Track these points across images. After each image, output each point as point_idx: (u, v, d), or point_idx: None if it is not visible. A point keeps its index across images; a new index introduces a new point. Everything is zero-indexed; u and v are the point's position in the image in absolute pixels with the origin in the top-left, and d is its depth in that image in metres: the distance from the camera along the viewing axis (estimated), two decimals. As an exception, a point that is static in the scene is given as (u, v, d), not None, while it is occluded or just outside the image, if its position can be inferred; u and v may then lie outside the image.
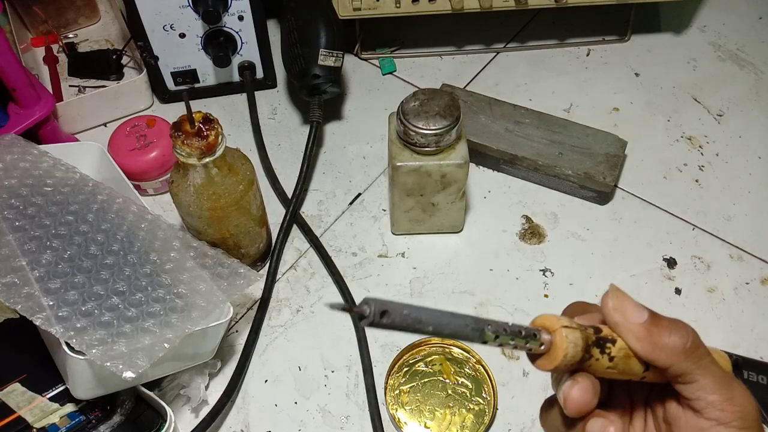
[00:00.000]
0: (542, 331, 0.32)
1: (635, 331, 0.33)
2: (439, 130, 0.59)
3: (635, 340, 0.33)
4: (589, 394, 0.33)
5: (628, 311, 0.33)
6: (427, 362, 0.60)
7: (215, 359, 0.59)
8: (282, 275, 0.67)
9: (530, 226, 0.70)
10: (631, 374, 0.34)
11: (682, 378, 0.33)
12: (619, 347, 0.33)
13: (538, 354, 0.33)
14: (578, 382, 0.33)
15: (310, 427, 0.58)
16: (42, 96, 0.68)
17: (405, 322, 0.28)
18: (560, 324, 0.32)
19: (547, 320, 0.33)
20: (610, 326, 0.34)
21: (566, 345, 0.32)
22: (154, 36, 0.73)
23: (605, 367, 0.33)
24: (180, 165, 0.56)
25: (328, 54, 0.71)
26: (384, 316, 0.27)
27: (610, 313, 0.34)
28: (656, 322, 0.33)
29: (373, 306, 0.27)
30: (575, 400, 0.33)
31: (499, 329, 0.31)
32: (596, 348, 0.33)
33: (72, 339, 0.46)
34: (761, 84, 0.82)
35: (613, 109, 0.79)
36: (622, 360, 0.33)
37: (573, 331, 0.32)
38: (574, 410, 0.33)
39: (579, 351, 0.32)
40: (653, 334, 0.33)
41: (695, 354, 0.33)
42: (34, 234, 0.53)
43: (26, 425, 0.52)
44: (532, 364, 0.33)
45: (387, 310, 0.27)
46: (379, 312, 0.27)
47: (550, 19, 0.88)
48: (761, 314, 0.63)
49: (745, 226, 0.69)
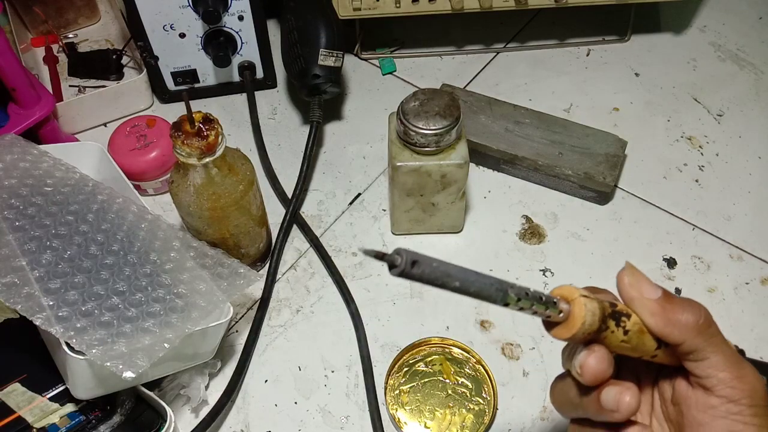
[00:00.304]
0: (561, 300, 0.33)
1: (649, 306, 0.34)
2: (439, 130, 0.59)
3: (649, 315, 0.34)
4: (605, 363, 0.33)
5: (644, 287, 0.34)
6: (427, 362, 0.60)
7: (215, 359, 0.59)
8: (282, 275, 0.67)
9: (530, 226, 0.70)
10: (643, 351, 0.35)
11: (694, 355, 0.34)
12: (634, 322, 0.34)
13: (554, 323, 0.33)
14: (595, 351, 0.33)
15: (310, 427, 0.58)
16: (42, 96, 0.68)
17: (434, 275, 0.28)
18: (579, 293, 0.33)
19: (566, 290, 0.33)
20: (625, 301, 0.35)
21: (584, 313, 0.32)
22: (154, 36, 0.73)
23: (619, 341, 0.34)
24: (180, 165, 0.56)
25: (328, 54, 0.71)
26: (414, 266, 0.27)
27: (625, 289, 0.35)
28: (670, 299, 0.34)
29: (405, 256, 0.27)
30: (592, 367, 0.33)
31: (521, 293, 0.31)
32: (612, 320, 0.33)
33: (72, 339, 0.46)
34: (761, 84, 0.82)
35: (613, 109, 0.79)
36: (636, 335, 0.34)
37: (591, 301, 0.33)
38: (591, 378, 0.33)
39: (596, 320, 0.32)
40: (667, 310, 0.34)
41: (707, 331, 0.34)
42: (34, 234, 0.53)
43: (26, 425, 0.52)
44: (548, 332, 0.34)
45: (417, 260, 0.27)
46: (410, 262, 0.27)
47: (550, 19, 0.88)
48: (761, 314, 0.63)
49: (745, 226, 0.69)
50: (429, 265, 0.28)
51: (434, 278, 0.28)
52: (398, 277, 0.28)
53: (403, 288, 0.66)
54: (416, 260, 0.27)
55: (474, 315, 0.64)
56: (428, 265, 0.28)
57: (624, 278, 0.35)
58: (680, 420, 0.36)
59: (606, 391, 0.34)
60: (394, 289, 0.66)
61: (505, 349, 0.62)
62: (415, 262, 0.27)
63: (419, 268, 0.28)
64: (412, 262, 0.27)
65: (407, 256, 0.27)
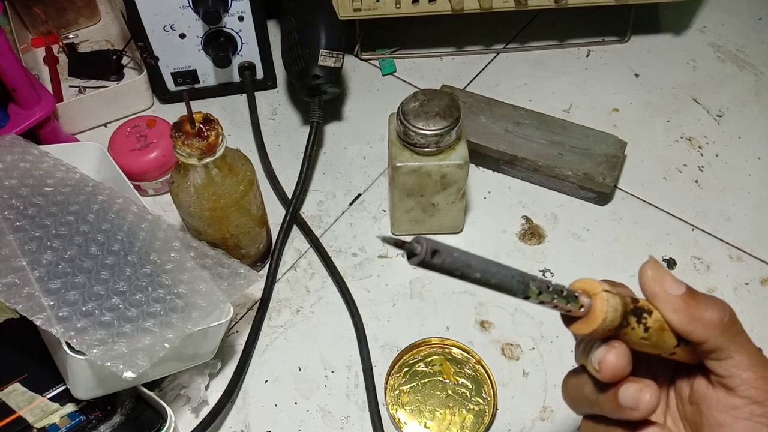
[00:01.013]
0: (582, 294, 0.32)
1: (673, 302, 0.33)
2: (439, 130, 0.59)
3: (672, 311, 0.33)
4: (625, 359, 0.32)
5: (667, 282, 0.33)
6: (427, 362, 0.60)
7: (215, 359, 0.59)
8: (282, 275, 0.67)
9: (530, 226, 0.70)
10: (662, 348, 0.34)
11: (717, 354, 0.33)
12: (655, 319, 0.33)
13: (574, 317, 0.32)
14: (615, 347, 0.32)
15: (310, 427, 0.58)
16: (42, 96, 0.68)
17: (455, 265, 0.27)
18: (601, 288, 0.32)
19: (587, 284, 0.32)
20: (648, 296, 0.34)
21: (606, 309, 0.31)
22: (155, 36, 0.73)
23: (639, 337, 0.33)
24: (180, 165, 0.56)
25: (328, 54, 0.71)
26: (435, 256, 0.26)
27: (648, 283, 0.33)
28: (694, 295, 0.33)
29: (425, 244, 0.26)
30: (611, 363, 0.32)
31: (543, 286, 0.30)
32: (633, 317, 0.32)
33: (72, 339, 0.46)
34: (761, 85, 0.82)
35: (612, 109, 0.79)
36: (657, 332, 0.33)
37: (613, 296, 0.32)
38: (609, 375, 0.32)
39: (618, 316, 0.32)
40: (691, 307, 0.32)
41: (732, 330, 0.33)
42: (34, 234, 0.53)
43: (26, 425, 0.52)
44: (568, 327, 0.33)
45: (438, 250, 0.26)
46: (430, 251, 0.26)
47: (550, 20, 0.88)
48: (761, 314, 0.63)
49: (744, 227, 0.69)
50: (450, 254, 0.27)
51: (455, 268, 0.27)
52: (417, 267, 0.26)
53: (403, 288, 0.66)
54: (437, 249, 0.26)
55: (474, 315, 0.64)
56: (449, 255, 0.27)
57: (647, 272, 0.33)
58: (698, 420, 0.35)
59: (624, 388, 0.32)
60: (394, 289, 0.66)
61: (505, 349, 0.62)
62: (436, 251, 0.26)
63: (440, 257, 0.27)
64: (433, 251, 0.26)
65: (428, 244, 0.26)
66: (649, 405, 0.32)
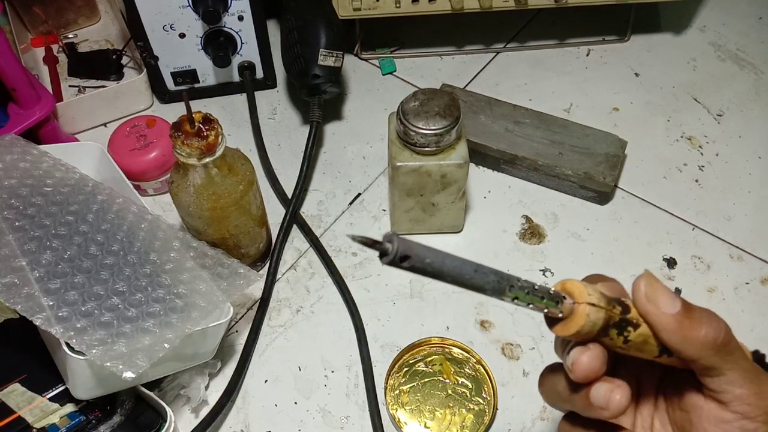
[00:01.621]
0: (567, 297, 0.31)
1: (665, 323, 0.32)
2: (439, 130, 0.59)
3: (664, 332, 0.32)
4: (598, 362, 0.32)
5: (661, 301, 0.32)
6: (427, 362, 0.60)
7: (215, 359, 0.59)
8: (282, 275, 0.67)
9: (530, 226, 0.70)
10: (645, 355, 0.34)
11: (709, 371, 0.32)
12: (639, 333, 0.33)
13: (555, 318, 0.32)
14: (589, 349, 0.32)
15: (310, 427, 0.58)
16: (42, 96, 0.68)
17: (425, 271, 0.26)
18: (587, 300, 0.31)
19: (576, 289, 0.32)
20: (640, 314, 0.33)
21: (583, 323, 0.31)
22: (154, 36, 0.73)
23: (617, 346, 0.33)
24: (180, 165, 0.56)
25: (328, 54, 0.71)
26: (405, 261, 0.26)
27: (641, 301, 0.33)
28: (689, 314, 0.32)
29: (396, 245, 0.25)
30: (583, 365, 0.32)
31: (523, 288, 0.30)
32: (615, 329, 0.32)
33: (72, 339, 0.46)
34: (761, 84, 0.82)
35: (612, 109, 0.79)
36: (636, 344, 0.33)
37: (597, 310, 0.31)
38: (581, 376, 0.32)
39: (595, 330, 0.31)
40: (684, 327, 0.32)
41: (726, 349, 0.32)
42: (34, 234, 0.53)
43: (26, 425, 0.52)
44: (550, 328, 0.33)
45: (409, 255, 0.26)
46: (400, 256, 0.26)
47: (550, 19, 0.88)
48: (761, 314, 0.63)
49: (745, 226, 0.69)
50: (421, 260, 0.26)
51: (425, 274, 0.27)
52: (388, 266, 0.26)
53: (403, 288, 0.66)
54: (407, 255, 0.26)
55: (474, 315, 0.64)
56: (419, 261, 0.26)
57: (641, 288, 0.32)
58: (687, 427, 0.35)
59: (596, 388, 0.32)
60: (394, 289, 0.66)
61: (505, 349, 0.62)
62: (406, 257, 0.26)
63: (409, 263, 0.26)
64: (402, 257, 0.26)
65: (399, 246, 0.25)
66: (619, 405, 0.32)
